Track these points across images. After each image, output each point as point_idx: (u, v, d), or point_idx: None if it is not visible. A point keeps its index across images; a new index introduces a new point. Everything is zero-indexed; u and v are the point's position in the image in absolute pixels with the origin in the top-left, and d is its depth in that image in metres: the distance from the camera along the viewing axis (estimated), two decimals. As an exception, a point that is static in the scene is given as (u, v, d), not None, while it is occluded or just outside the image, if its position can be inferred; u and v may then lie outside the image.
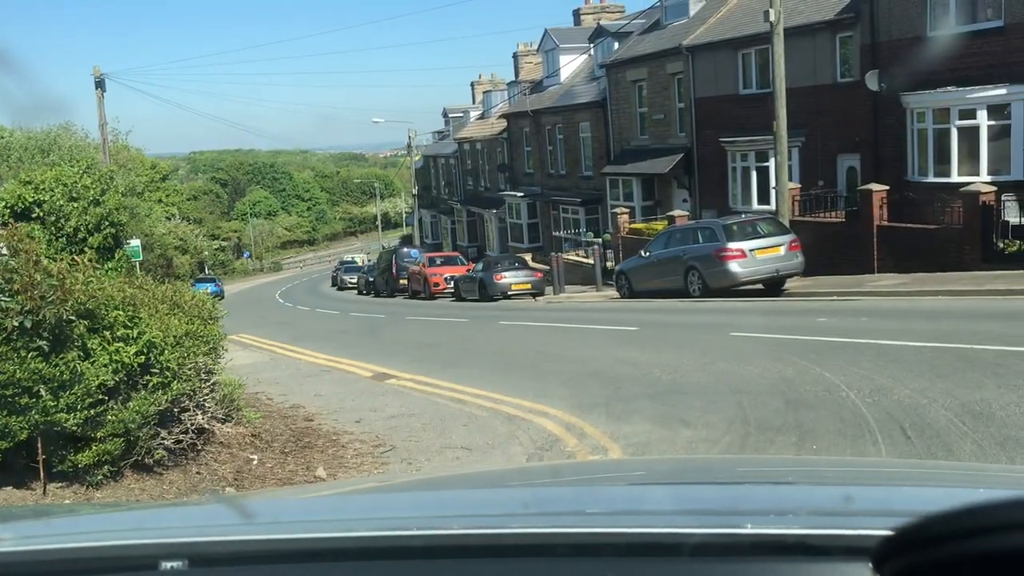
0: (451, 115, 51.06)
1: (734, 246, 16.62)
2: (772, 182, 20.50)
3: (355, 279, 45.75)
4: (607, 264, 25.96)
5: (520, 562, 1.15)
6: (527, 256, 31.96)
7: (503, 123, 40.68)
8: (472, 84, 52.58)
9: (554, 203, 35.27)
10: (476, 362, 12.30)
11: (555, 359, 11.51)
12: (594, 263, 25.55)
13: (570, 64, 35.52)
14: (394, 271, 34.36)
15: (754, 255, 16.64)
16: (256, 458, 6.86)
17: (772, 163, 20.33)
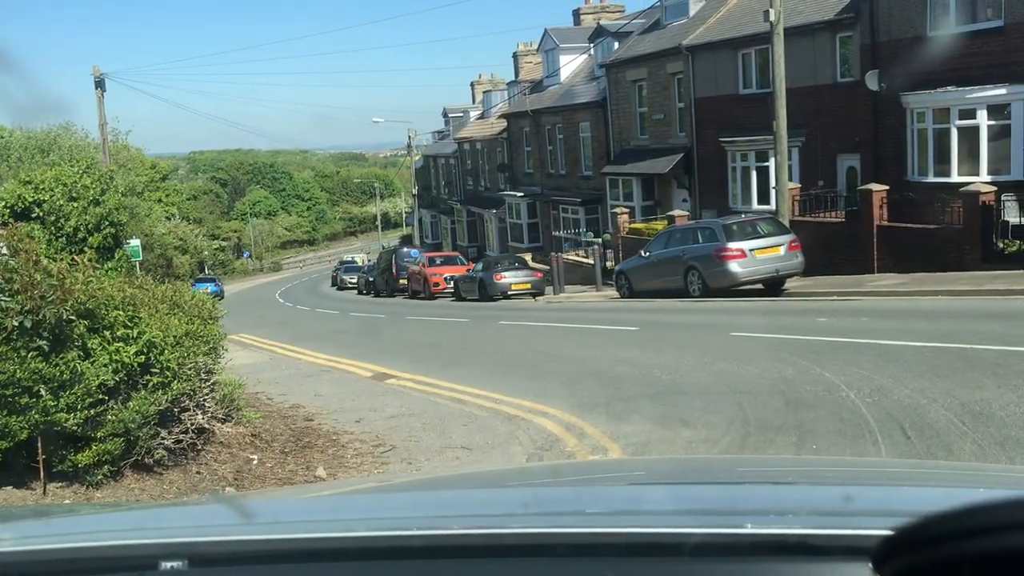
0: (451, 115, 51.06)
1: (734, 246, 16.62)
2: (772, 182, 20.50)
3: (355, 279, 45.75)
4: (607, 264, 25.96)
5: (520, 562, 1.15)
6: (527, 256, 31.96)
7: (503, 123, 40.68)
8: (472, 84, 52.59)
9: (554, 203, 35.27)
10: (476, 362, 12.30)
11: (555, 359, 11.51)
12: (594, 263, 25.55)
13: (570, 64, 35.52)
14: (394, 271, 34.36)
15: (754, 255, 16.64)
16: (256, 458, 6.86)
17: (772, 163, 20.33)
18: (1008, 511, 0.81)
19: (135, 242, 21.59)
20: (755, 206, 23.29)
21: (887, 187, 18.45)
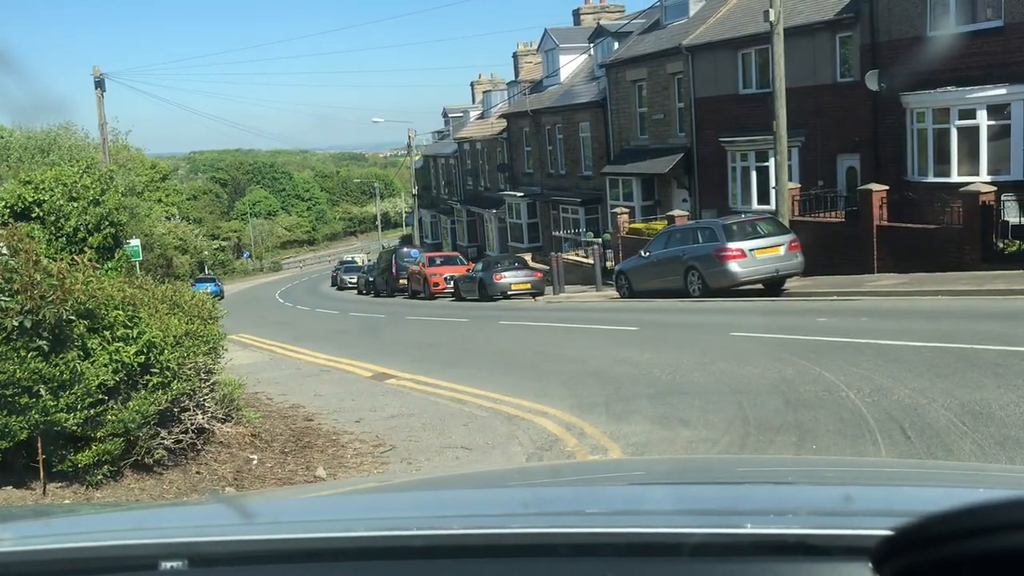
0: (451, 115, 51.06)
1: (734, 246, 16.63)
2: (772, 182, 20.51)
3: (355, 279, 45.74)
4: (607, 264, 25.96)
5: (520, 562, 1.15)
6: (527, 256, 31.96)
7: (503, 123, 40.68)
8: (472, 84, 52.60)
9: (554, 203, 35.27)
10: (476, 362, 12.30)
11: (555, 359, 11.51)
12: (594, 263, 25.54)
13: (570, 64, 35.52)
14: (394, 271, 34.36)
15: (754, 255, 16.64)
16: (256, 458, 6.85)
17: (772, 163, 20.33)
18: (1008, 511, 0.81)
19: (135, 242, 21.60)
20: (755, 206, 23.29)
21: (887, 187, 18.45)
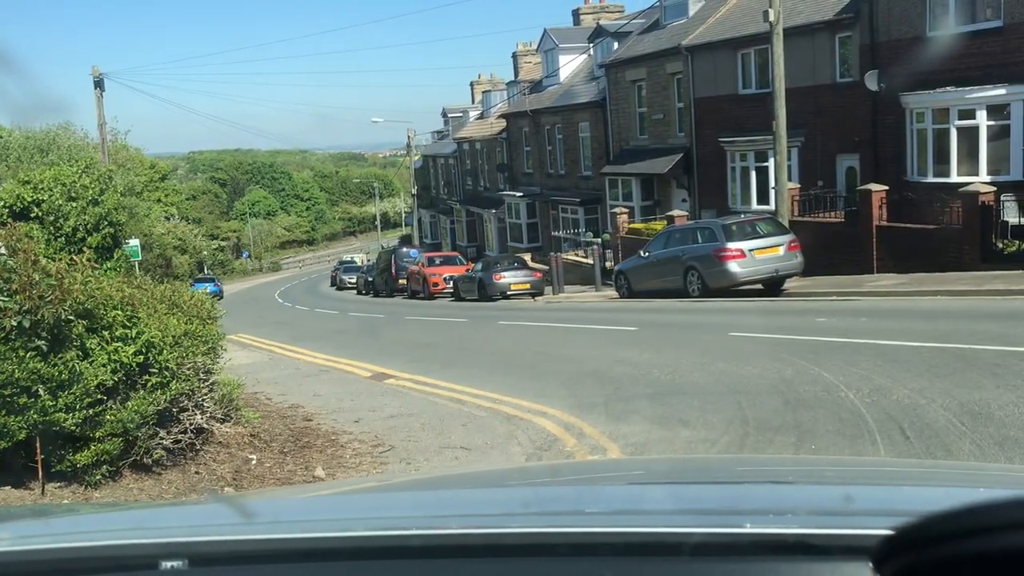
0: (450, 115, 51.05)
1: (733, 246, 16.63)
2: (771, 182, 20.50)
3: (354, 279, 45.72)
4: (606, 264, 25.96)
5: (519, 562, 1.15)
6: (526, 256, 31.95)
7: (502, 123, 40.68)
8: (471, 84, 52.61)
9: (553, 203, 35.27)
10: (475, 362, 12.30)
11: (554, 359, 11.51)
12: (593, 263, 25.54)
13: (569, 64, 35.52)
14: (393, 271, 34.36)
15: (753, 255, 16.65)
16: (255, 458, 6.85)
17: (771, 163, 20.33)
18: (1008, 511, 0.81)
19: (134, 242, 21.59)
20: (754, 206, 23.29)
21: (886, 187, 18.46)
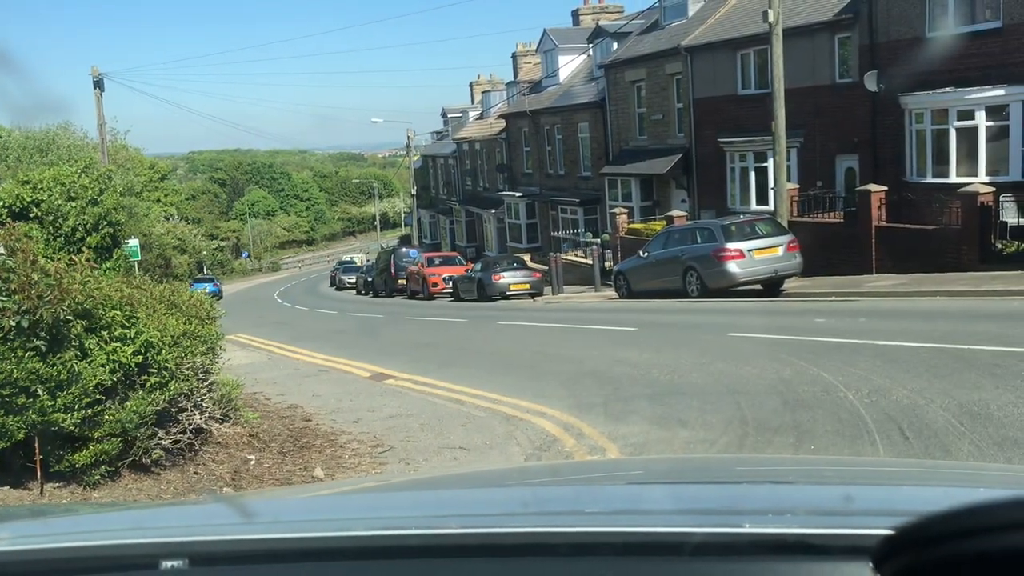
0: (450, 115, 51.05)
1: (732, 246, 16.63)
2: (771, 182, 20.51)
3: (353, 279, 45.72)
4: (605, 264, 25.96)
5: (518, 562, 1.15)
6: (526, 256, 31.95)
7: (502, 123, 40.69)
8: (471, 84, 52.61)
9: (553, 203, 35.27)
10: (474, 362, 12.30)
11: (553, 359, 11.51)
12: (592, 263, 25.54)
13: (569, 64, 35.52)
14: (392, 271, 34.36)
15: (752, 255, 16.65)
16: (254, 458, 6.85)
17: (771, 163, 20.34)
18: (1007, 511, 0.81)
19: (133, 242, 21.59)
20: (754, 206, 23.30)
21: (885, 188, 18.47)
